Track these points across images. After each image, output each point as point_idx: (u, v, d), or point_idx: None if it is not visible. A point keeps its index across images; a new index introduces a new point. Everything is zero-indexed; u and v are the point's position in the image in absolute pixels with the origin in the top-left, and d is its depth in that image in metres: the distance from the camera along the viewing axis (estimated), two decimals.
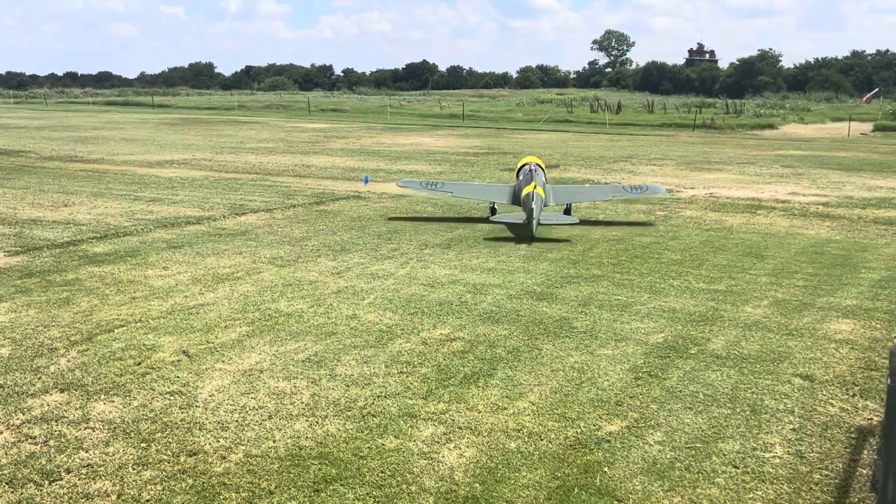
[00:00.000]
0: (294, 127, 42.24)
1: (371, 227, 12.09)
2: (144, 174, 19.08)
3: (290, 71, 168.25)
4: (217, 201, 14.42)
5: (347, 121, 52.11)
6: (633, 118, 55.19)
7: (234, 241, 10.83)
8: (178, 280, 8.62)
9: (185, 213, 12.95)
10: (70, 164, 21.61)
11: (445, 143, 32.57)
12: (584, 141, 34.47)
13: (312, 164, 22.48)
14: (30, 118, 48.09)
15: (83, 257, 9.67)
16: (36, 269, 9.00)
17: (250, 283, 8.54)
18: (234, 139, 32.22)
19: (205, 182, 17.53)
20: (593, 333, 6.67)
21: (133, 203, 14.05)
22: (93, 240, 10.69)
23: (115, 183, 17.14)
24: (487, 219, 12.34)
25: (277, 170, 20.55)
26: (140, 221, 12.12)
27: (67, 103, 76.14)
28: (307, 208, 13.87)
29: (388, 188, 16.93)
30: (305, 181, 18.04)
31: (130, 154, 24.73)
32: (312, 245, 10.61)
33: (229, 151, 26.19)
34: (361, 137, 35.06)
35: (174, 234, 11.26)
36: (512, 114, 63.12)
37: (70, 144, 28.08)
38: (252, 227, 11.94)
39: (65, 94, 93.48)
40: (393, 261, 9.67)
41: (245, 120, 49.51)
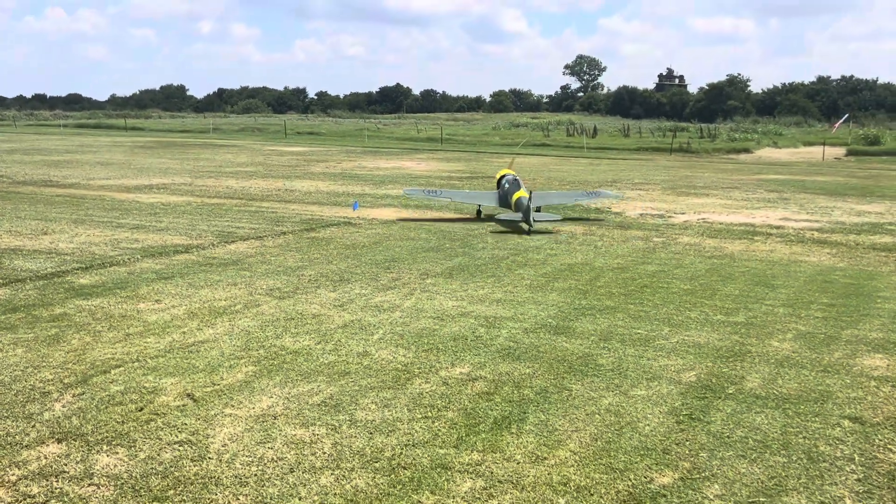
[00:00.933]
0: (272, 150, 41.80)
1: (367, 254, 11.73)
2: (124, 199, 18.52)
3: (263, 93, 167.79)
4: (204, 228, 13.96)
5: (325, 144, 51.77)
6: (609, 142, 55.67)
7: (226, 271, 10.40)
8: (174, 314, 8.17)
9: (173, 242, 12.47)
10: (45, 188, 20.96)
11: (427, 166, 32.39)
12: (565, 165, 34.53)
13: (296, 188, 22.08)
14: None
15: (69, 290, 9.16)
16: (20, 304, 8.49)
17: (250, 316, 8.12)
18: (212, 163, 31.69)
19: (188, 208, 17.03)
20: (622, 371, 6.37)
21: (116, 231, 13.53)
22: (78, 270, 10.18)
23: (95, 209, 16.57)
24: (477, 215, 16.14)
25: (261, 195, 20.12)
26: (126, 250, 11.62)
27: (37, 126, 74.80)
28: (298, 235, 13.47)
29: (377, 213, 16.60)
30: (291, 207, 17.64)
31: (107, 178, 24.11)
32: (309, 275, 10.22)
33: (209, 176, 25.69)
34: (342, 161, 34.75)
35: (163, 263, 10.79)
36: (489, 137, 63.32)
37: (43, 168, 27.34)
38: (243, 255, 11.51)
39: (34, 117, 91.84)
40: (396, 291, 9.31)
41: (221, 143, 48.92)
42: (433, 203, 18.53)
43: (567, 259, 11.59)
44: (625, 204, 19.12)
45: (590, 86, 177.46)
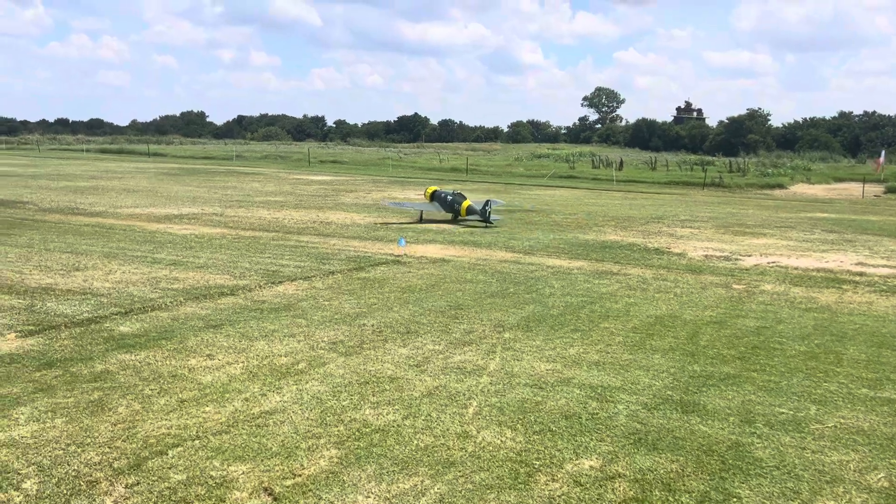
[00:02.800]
0: (297, 179, 41.12)
1: (427, 300, 10.69)
2: (156, 231, 17.65)
3: (282, 121, 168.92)
4: (245, 266, 12.99)
5: (349, 173, 51.12)
6: (636, 175, 54.67)
7: (279, 318, 9.38)
8: (230, 374, 7.14)
9: (215, 282, 11.49)
10: (72, 217, 20.16)
11: None
12: (599, 198, 33.53)
13: (331, 220, 21.17)
14: (23, 165, 46.71)
15: (109, 339, 8.17)
16: (56, 357, 7.49)
17: (317, 378, 7.07)
18: (240, 191, 30.95)
19: (224, 241, 16.11)
20: (789, 470, 5.24)
21: (152, 267, 12.59)
22: (116, 316, 9.20)
23: (127, 241, 15.68)
24: (420, 219, 21.32)
25: (296, 227, 19.19)
26: (166, 291, 10.64)
27: (60, 150, 74.95)
28: (347, 276, 12.46)
29: (424, 250, 15.60)
30: (331, 241, 16.67)
31: (135, 206, 23.34)
32: (372, 325, 9.18)
33: (239, 205, 24.87)
34: (370, 191, 33.93)
35: (208, 308, 9.79)
36: (512, 168, 62.57)
37: (69, 195, 26.66)
38: (294, 299, 10.50)
39: (57, 141, 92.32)
40: (474, 348, 8.25)
41: (246, 171, 48.39)
42: (475, 239, 17.58)
43: (650, 309, 10.49)
44: (683, 243, 18.02)
45: (608, 118, 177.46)
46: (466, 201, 21.41)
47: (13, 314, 9.03)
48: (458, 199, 21.65)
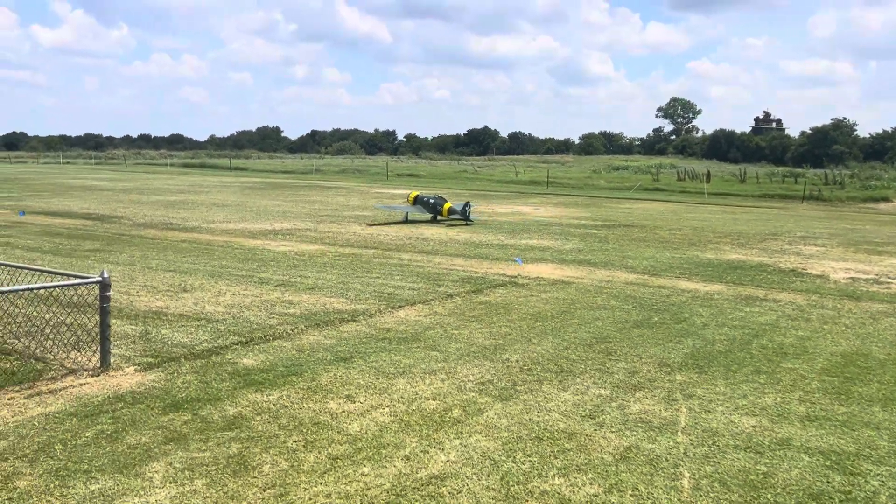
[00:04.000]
0: (380, 193, 40.66)
1: (566, 330, 9.54)
2: (254, 247, 17.09)
3: (354, 135, 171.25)
4: (358, 287, 12.13)
5: (427, 186, 50.49)
6: (726, 188, 52.15)
7: (411, 350, 8.41)
8: (379, 422, 6.17)
9: (332, 305, 10.64)
10: (168, 232, 19.90)
11: (548, 212, 30.23)
12: (697, 212, 31.70)
13: (426, 236, 20.28)
14: (113, 179, 47.93)
15: (234, 375, 7.34)
16: (181, 396, 6.68)
17: (480, 431, 6.02)
18: (327, 206, 30.55)
19: (326, 259, 15.37)
20: None
21: (261, 288, 11.86)
22: (237, 346, 8.40)
23: (228, 259, 15.12)
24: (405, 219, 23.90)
25: (394, 244, 18.36)
26: (284, 317, 9.83)
27: (145, 165, 77.26)
28: (467, 299, 11.44)
29: (537, 269, 14.46)
30: (436, 260, 15.72)
31: (227, 222, 23.04)
32: (515, 360, 8.10)
33: (329, 220, 24.32)
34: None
35: (332, 337, 8.90)
36: (592, 181, 60.89)
37: (161, 209, 26.70)
38: (420, 327, 9.52)
39: (141, 156, 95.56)
40: (648, 394, 7.05)
41: (326, 184, 48.38)
42: (588, 258, 16.36)
43: (828, 345, 9.06)
44: (817, 263, 16.32)
45: (683, 129, 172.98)
46: (448, 203, 24.53)
47: (128, 343, 8.33)
48: (440, 201, 24.71)
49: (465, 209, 23.86)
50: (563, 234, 21.52)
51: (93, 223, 21.89)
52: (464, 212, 23.80)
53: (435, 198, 25.18)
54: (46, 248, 16.18)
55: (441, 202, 24.55)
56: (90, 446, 5.54)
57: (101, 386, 6.89)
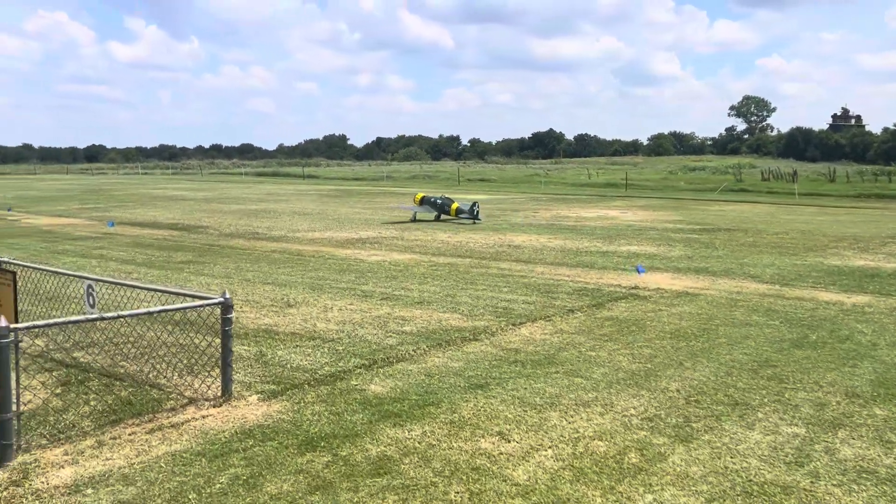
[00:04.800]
0: (456, 199, 39.90)
1: (717, 351, 8.46)
2: (346, 257, 16.50)
3: (419, 141, 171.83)
4: (467, 301, 11.30)
5: (501, 190, 49.59)
6: (815, 188, 49.44)
7: (550, 375, 7.49)
8: (546, 468, 5.27)
9: (447, 322, 9.83)
10: (255, 242, 19.57)
11: (636, 216, 28.90)
12: (795, 214, 29.80)
13: (517, 243, 19.35)
14: (192, 189, 48.73)
15: (365, 404, 6.57)
16: (314, 431, 5.94)
17: (671, 481, 5.05)
18: (400, 212, 29.97)
19: (423, 270, 14.62)
20: None
21: (367, 302, 11.16)
22: (360, 369, 7.65)
23: (325, 270, 14.54)
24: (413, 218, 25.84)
25: (487, 252, 17.49)
26: (401, 336, 9.06)
27: (220, 174, 78.86)
28: (590, 315, 10.45)
29: (656, 280, 13.34)
30: (537, 269, 14.78)
31: (311, 230, 22.65)
32: (675, 389, 7.08)
33: (412, 228, 23.67)
34: (537, 209, 32.06)
35: (459, 359, 8.07)
36: (671, 182, 58.83)
37: (244, 219, 26.60)
38: (551, 347, 8.59)
39: (215, 165, 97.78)
40: (851, 433, 5.94)
41: (400, 191, 48.02)
42: (703, 265, 15.13)
43: None
44: None
45: (757, 127, 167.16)
46: (455, 203, 26.38)
47: (246, 367, 7.68)
48: (448, 201, 26.67)
49: (472, 208, 25.46)
50: (664, 240, 20.26)
51: (180, 234, 21.82)
52: (472, 211, 25.39)
53: (441, 198, 27.24)
54: (139, 260, 15.96)
55: (448, 202, 26.61)
56: (227, 496, 4.83)
57: (225, 418, 6.22)
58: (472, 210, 25.38)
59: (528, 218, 27.84)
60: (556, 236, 21.17)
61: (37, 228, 23.29)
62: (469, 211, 25.43)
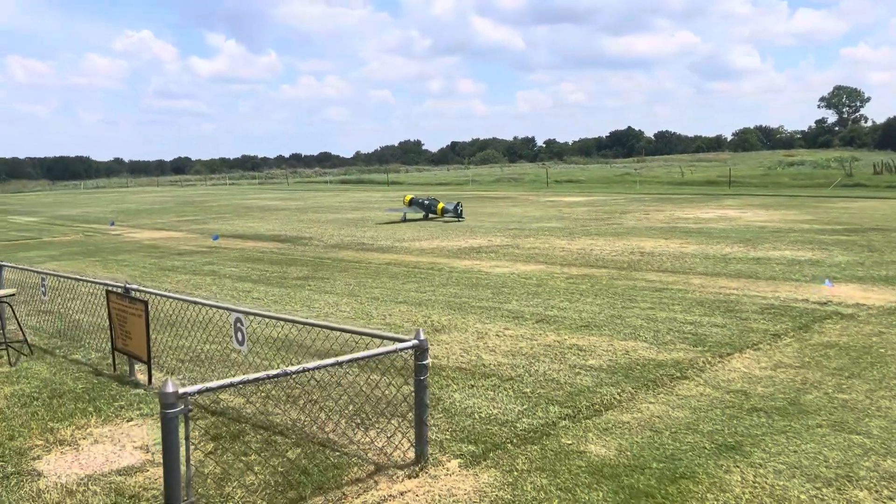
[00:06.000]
0: (551, 201, 38.22)
1: None
2: (468, 269, 15.12)
3: (493, 144, 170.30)
4: (640, 323, 9.68)
5: (596, 191, 47.47)
6: None
7: (814, 430, 5.82)
8: None
9: (636, 353, 8.25)
10: (365, 254, 18.47)
11: (758, 216, 26.52)
12: None
13: (649, 249, 17.55)
14: (283, 199, 48.65)
15: (598, 477, 5.08)
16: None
17: None
18: (506, 217, 28.50)
19: (562, 283, 13.08)
20: None
21: (523, 326, 9.70)
22: (564, 420, 6.18)
23: (454, 285, 13.19)
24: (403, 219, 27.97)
25: (621, 261, 15.78)
26: (590, 372, 7.54)
27: (305, 182, 79.37)
28: (799, 340, 8.67)
29: (843, 293, 11.37)
30: (693, 281, 13.00)
31: (417, 240, 21.44)
32: None
33: (522, 234, 22.14)
34: (647, 211, 29.99)
35: (680, 406, 6.48)
36: (771, 178, 55.31)
37: (345, 228, 25.67)
38: (786, 388, 6.90)
39: (297, 174, 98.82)
40: None
41: (488, 195, 46.63)
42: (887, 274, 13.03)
43: None
44: None
45: (850, 119, 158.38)
46: (441, 204, 28.63)
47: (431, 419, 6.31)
48: (434, 202, 28.95)
49: (456, 208, 27.58)
50: (814, 243, 18.05)
51: (285, 246, 20.99)
52: (456, 210, 27.47)
53: (429, 199, 29.54)
54: (254, 276, 15.02)
55: (434, 203, 28.90)
56: None
57: (428, 495, 4.85)
58: (455, 209, 27.46)
59: (642, 220, 25.90)
60: (685, 241, 19.25)
61: (141, 243, 22.95)
62: (454, 210, 27.49)
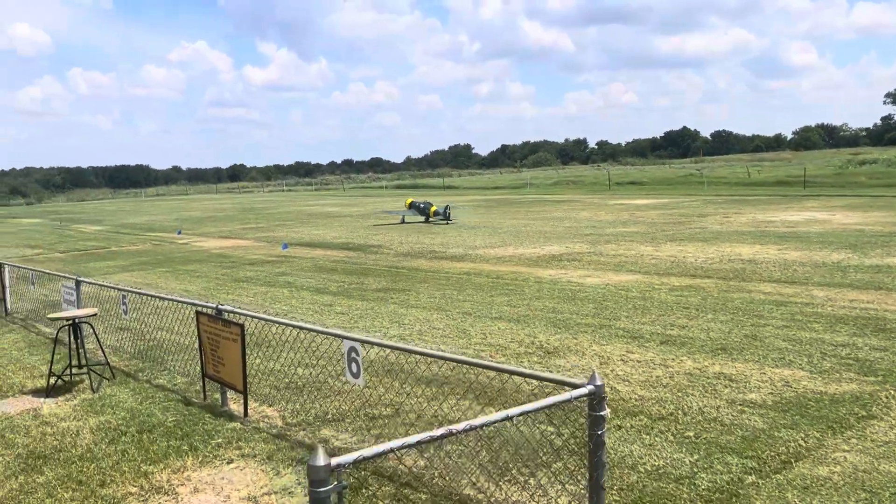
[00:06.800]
0: (618, 204, 36.79)
1: None
2: (555, 280, 14.09)
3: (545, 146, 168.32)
4: (784, 345, 8.51)
5: (661, 193, 45.74)
6: None
7: None
8: None
9: (800, 384, 7.10)
10: (440, 262, 17.59)
11: (850, 217, 24.74)
12: None
13: (748, 256, 16.21)
14: (342, 205, 48.29)
15: None
16: None
17: None
18: (577, 222, 27.32)
19: (667, 296, 11.92)
20: None
21: (649, 349, 8.63)
22: (749, 475, 5.11)
23: (548, 298, 12.17)
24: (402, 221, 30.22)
25: (723, 269, 14.51)
26: (755, 410, 6.44)
27: (360, 188, 79.23)
28: None
29: None
30: (816, 293, 11.70)
31: (489, 247, 20.47)
32: None
33: (602, 240, 20.96)
34: (726, 214, 28.42)
35: (880, 457, 5.36)
36: (845, 177, 52.59)
37: (413, 235, 24.87)
38: None
39: (352, 180, 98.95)
40: None
41: (552, 198, 45.39)
42: None
43: None
44: None
45: None
46: (434, 207, 30.27)
47: (581, 463, 5.32)
48: (427, 205, 30.55)
49: (445, 211, 29.57)
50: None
51: (355, 254, 20.28)
52: (445, 213, 29.47)
53: (424, 203, 31.18)
54: (332, 289, 14.27)
55: (428, 206, 30.46)
56: None
57: None
58: (445, 212, 29.49)
59: (724, 224, 24.41)
60: (783, 246, 17.81)
61: (209, 252, 22.56)
62: (443, 213, 29.50)
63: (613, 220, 27.74)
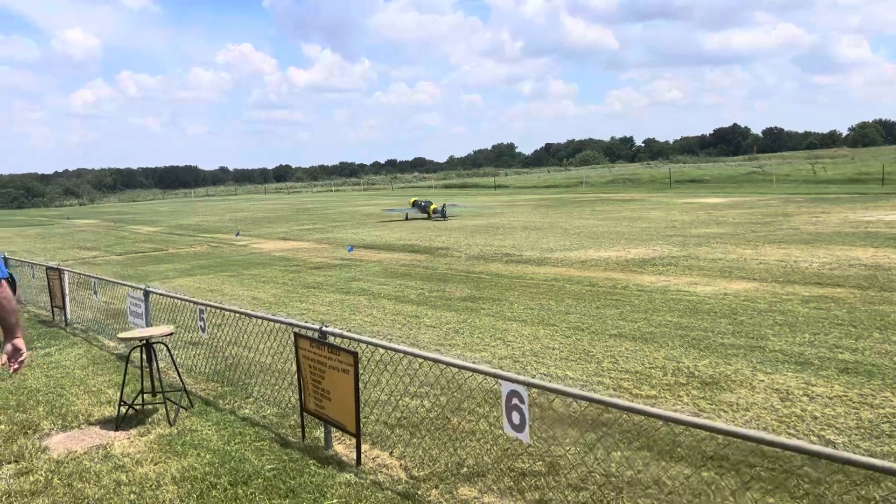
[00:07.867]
0: (688, 203, 34.90)
1: None
2: (659, 288, 12.58)
3: (590, 145, 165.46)
4: None
5: (727, 192, 43.55)
6: None
7: None
8: None
9: None
10: (517, 267, 16.22)
11: None
12: None
13: (865, 261, 14.47)
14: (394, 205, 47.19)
15: None
16: None
17: None
18: (652, 222, 25.64)
19: (801, 308, 10.33)
20: None
21: (827, 379, 7.11)
22: None
23: (667, 312, 10.67)
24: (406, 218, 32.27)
25: (847, 276, 12.82)
26: None
27: (408, 188, 78.22)
28: None
29: None
30: None
31: (566, 249, 19.02)
32: None
33: (688, 242, 19.31)
34: (814, 213, 26.41)
35: None
36: None
37: (479, 237, 23.52)
38: None
39: (398, 179, 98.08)
40: None
41: (614, 197, 43.60)
42: None
43: None
44: None
45: None
46: (433, 205, 32.51)
47: None
48: (428, 203, 32.97)
49: (443, 210, 31.81)
50: None
51: (423, 257, 19.01)
52: (442, 211, 31.74)
53: (425, 202, 33.73)
54: (413, 297, 12.99)
55: (428, 204, 32.98)
56: None
57: None
58: (442, 211, 31.68)
59: (817, 224, 22.52)
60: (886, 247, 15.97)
61: (270, 255, 21.54)
62: (441, 211, 31.68)
63: (692, 220, 25.99)
